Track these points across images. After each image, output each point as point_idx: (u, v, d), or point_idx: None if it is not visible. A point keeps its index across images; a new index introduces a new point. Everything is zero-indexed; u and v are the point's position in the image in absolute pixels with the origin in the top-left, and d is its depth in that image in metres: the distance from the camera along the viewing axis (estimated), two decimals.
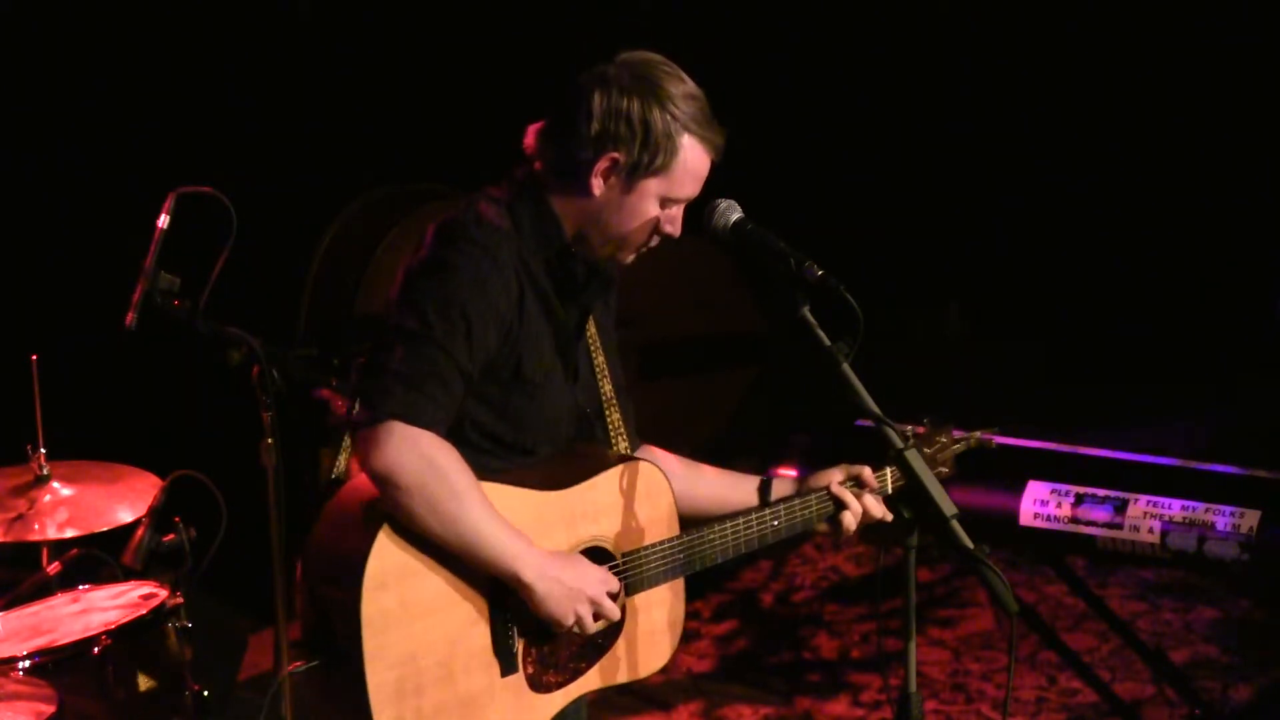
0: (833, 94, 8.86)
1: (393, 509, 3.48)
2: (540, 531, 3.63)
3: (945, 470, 4.14)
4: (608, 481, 3.72)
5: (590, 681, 3.72)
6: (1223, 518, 4.63)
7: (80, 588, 4.98)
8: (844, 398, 4.05)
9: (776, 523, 3.88)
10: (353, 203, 6.91)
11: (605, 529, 3.71)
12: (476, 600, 3.58)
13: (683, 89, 3.62)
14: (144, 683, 4.70)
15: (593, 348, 3.82)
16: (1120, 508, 4.74)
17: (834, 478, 3.96)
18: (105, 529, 4.90)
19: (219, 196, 4.23)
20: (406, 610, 3.50)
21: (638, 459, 3.79)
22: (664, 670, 3.87)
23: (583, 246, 3.67)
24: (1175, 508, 4.68)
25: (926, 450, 4.11)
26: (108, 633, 4.65)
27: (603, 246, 3.67)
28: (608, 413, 3.83)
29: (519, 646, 3.63)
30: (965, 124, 8.77)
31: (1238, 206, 8.46)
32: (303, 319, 6.75)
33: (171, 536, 4.76)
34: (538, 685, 3.66)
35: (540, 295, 3.65)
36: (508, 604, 3.60)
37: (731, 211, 3.69)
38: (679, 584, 3.82)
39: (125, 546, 4.78)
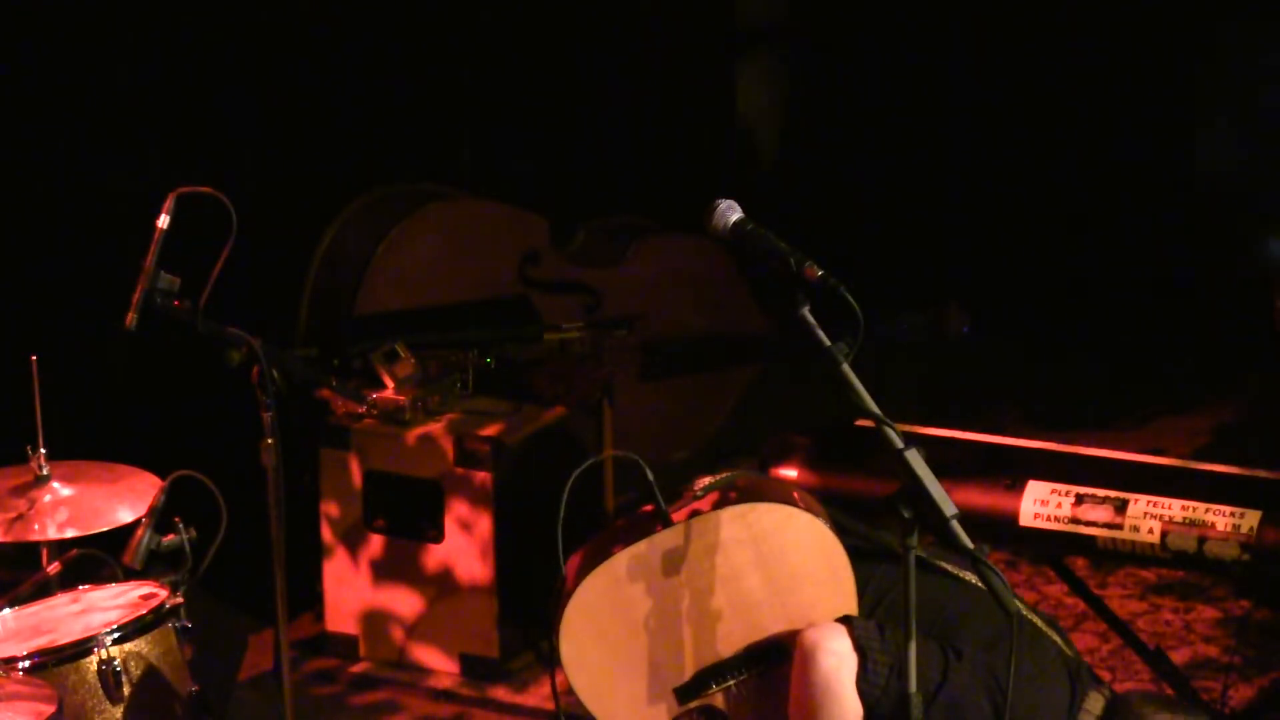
0: (832, 93, 8.86)
1: None
2: None
3: None
4: None
5: None
6: (1223, 518, 4.63)
7: (80, 588, 4.97)
8: (844, 398, 4.06)
9: None
10: (353, 203, 6.90)
11: None
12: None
13: None
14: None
15: None
16: (1120, 508, 4.74)
17: None
18: (105, 529, 4.89)
19: (219, 196, 4.24)
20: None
21: None
22: None
23: None
24: (1175, 508, 4.68)
25: None
26: (108, 632, 4.64)
27: None
28: None
29: None
30: (966, 121, 8.77)
31: (1238, 206, 8.47)
32: (303, 319, 6.73)
33: (171, 536, 4.76)
34: None
35: None
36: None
37: (731, 212, 3.69)
38: None
39: (125, 546, 4.78)
